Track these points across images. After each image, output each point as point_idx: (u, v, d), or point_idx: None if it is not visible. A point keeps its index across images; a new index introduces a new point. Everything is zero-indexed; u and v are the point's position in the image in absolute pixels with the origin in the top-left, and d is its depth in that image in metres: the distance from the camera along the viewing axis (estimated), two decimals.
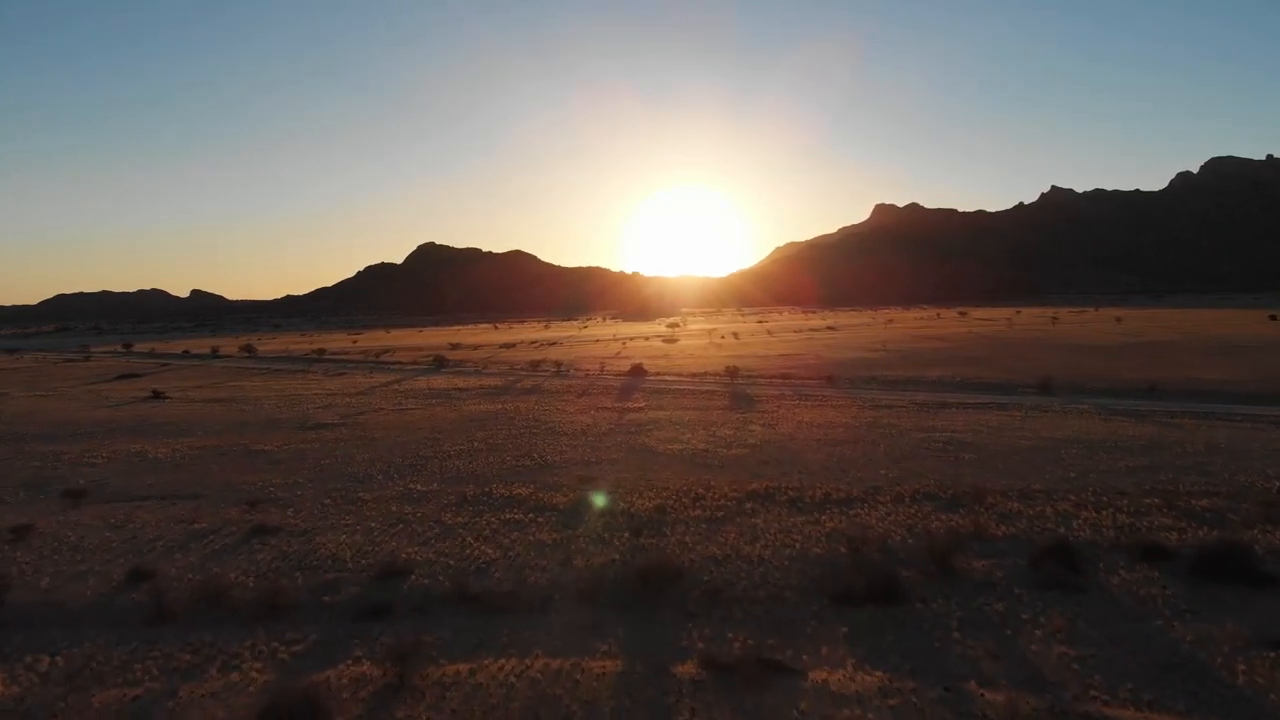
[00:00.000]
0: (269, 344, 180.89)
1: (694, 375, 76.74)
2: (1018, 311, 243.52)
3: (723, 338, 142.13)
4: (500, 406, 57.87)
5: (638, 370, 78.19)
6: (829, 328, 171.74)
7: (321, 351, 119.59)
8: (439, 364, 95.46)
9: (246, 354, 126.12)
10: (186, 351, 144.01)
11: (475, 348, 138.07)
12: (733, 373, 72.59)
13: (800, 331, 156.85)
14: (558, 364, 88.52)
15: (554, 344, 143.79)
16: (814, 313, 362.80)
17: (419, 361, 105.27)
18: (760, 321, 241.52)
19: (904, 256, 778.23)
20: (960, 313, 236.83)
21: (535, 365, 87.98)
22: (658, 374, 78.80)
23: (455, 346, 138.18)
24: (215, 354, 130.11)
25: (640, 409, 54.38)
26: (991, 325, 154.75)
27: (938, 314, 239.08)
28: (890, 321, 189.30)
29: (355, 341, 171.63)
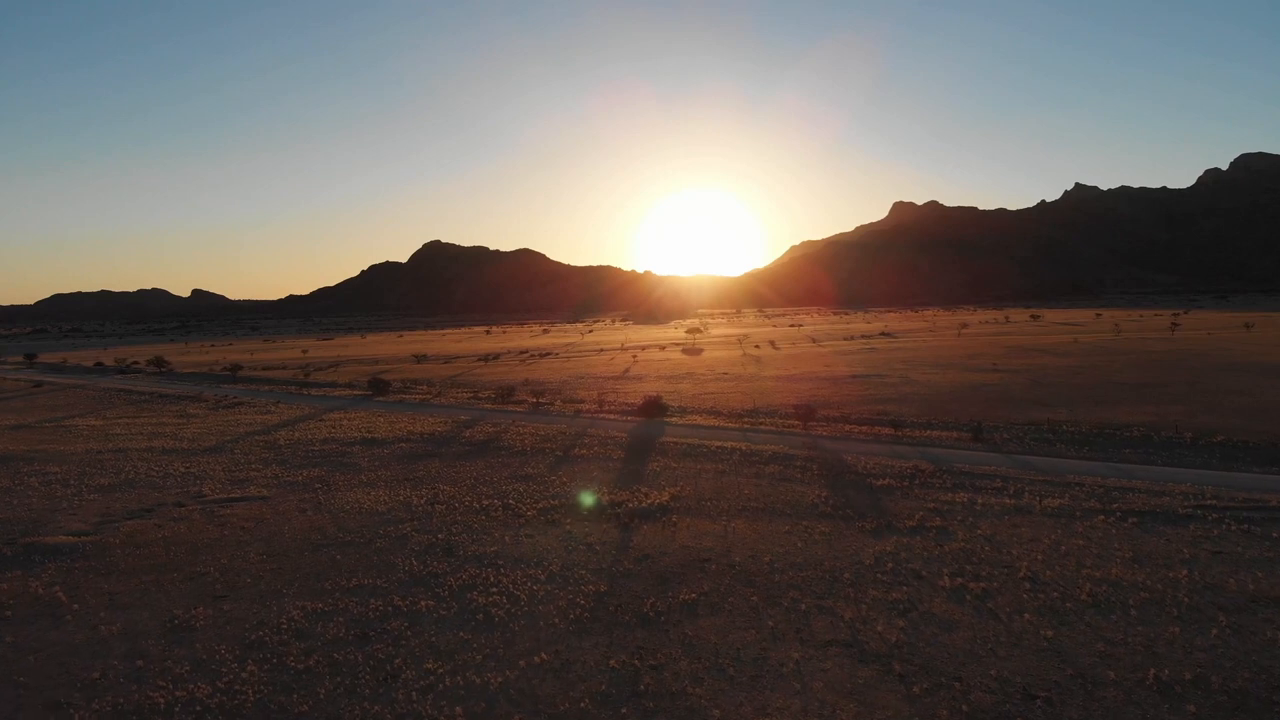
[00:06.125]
0: (211, 354, 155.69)
1: (740, 415, 50.26)
2: (1098, 314, 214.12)
3: (757, 347, 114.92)
4: (409, 496, 31.67)
5: (653, 406, 51.82)
6: (884, 334, 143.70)
7: (237, 368, 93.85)
8: (377, 389, 69.28)
9: (156, 369, 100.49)
10: (99, 364, 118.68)
11: (447, 360, 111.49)
12: (805, 415, 45.96)
13: (852, 340, 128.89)
14: (538, 394, 62.14)
15: (547, 355, 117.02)
16: (845, 314, 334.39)
17: (357, 382, 79.01)
18: (794, 325, 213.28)
19: (925, 255, 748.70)
20: (1033, 315, 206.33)
21: (508, 394, 61.68)
22: (683, 411, 52.44)
23: (421, 359, 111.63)
24: (125, 369, 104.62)
25: (659, 508, 28.04)
26: (1091, 332, 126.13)
27: (1006, 317, 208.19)
28: (964, 327, 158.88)
29: (305, 352, 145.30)
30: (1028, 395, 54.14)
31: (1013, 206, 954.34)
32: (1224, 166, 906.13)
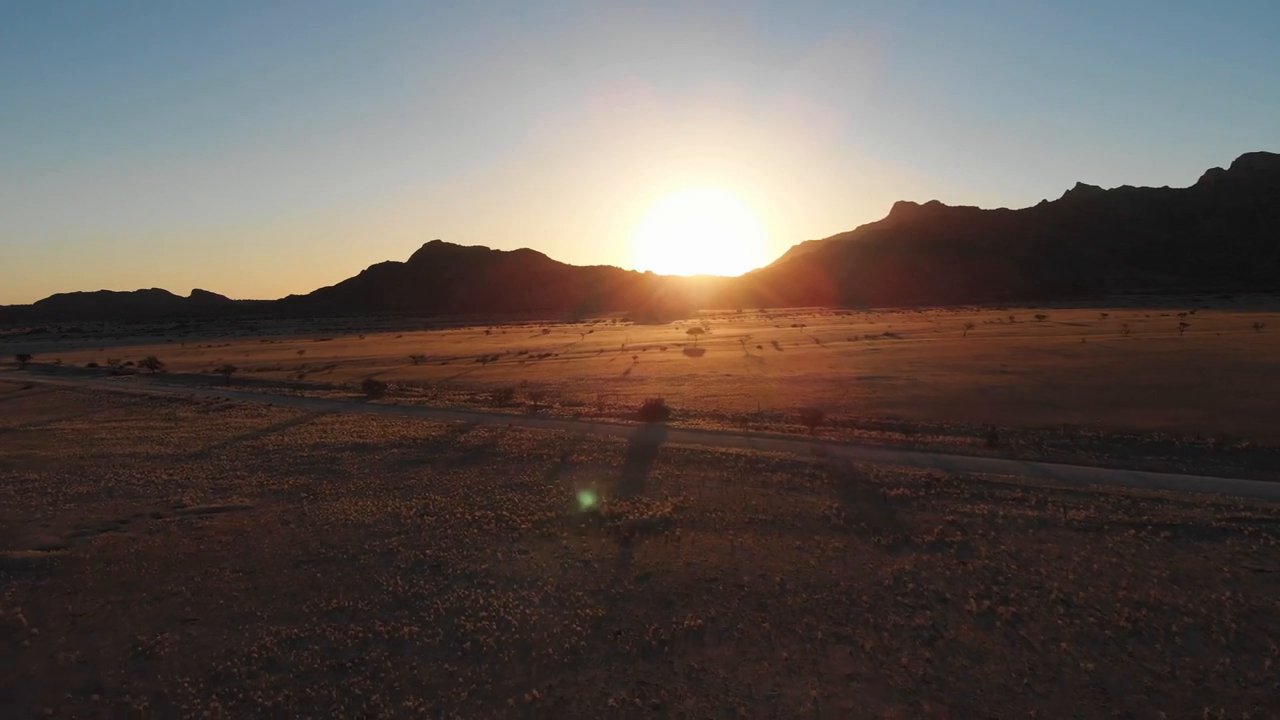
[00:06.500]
0: (207, 355, 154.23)
1: (744, 419, 48.77)
2: (1104, 314, 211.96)
3: (760, 348, 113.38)
4: (397, 507, 30.16)
5: (654, 409, 50.34)
6: (888, 334, 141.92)
7: (231, 369, 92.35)
8: (372, 391, 67.82)
9: (149, 371, 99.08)
10: (93, 365, 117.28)
11: (445, 361, 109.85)
12: (811, 419, 44.45)
13: (855, 340, 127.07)
14: (536, 397, 60.69)
15: (546, 356, 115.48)
16: (847, 314, 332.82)
17: (352, 384, 77.46)
18: (796, 326, 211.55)
19: (926, 255, 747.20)
20: (1038, 315, 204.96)
21: (505, 397, 60.18)
22: (685, 415, 50.96)
23: (418, 360, 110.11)
24: (118, 370, 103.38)
25: (661, 520, 26.52)
26: (1098, 333, 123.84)
27: (1011, 317, 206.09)
28: (970, 327, 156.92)
29: (302, 353, 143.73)
30: (1040, 397, 52.61)
31: (1014, 206, 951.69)
32: (1226, 166, 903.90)
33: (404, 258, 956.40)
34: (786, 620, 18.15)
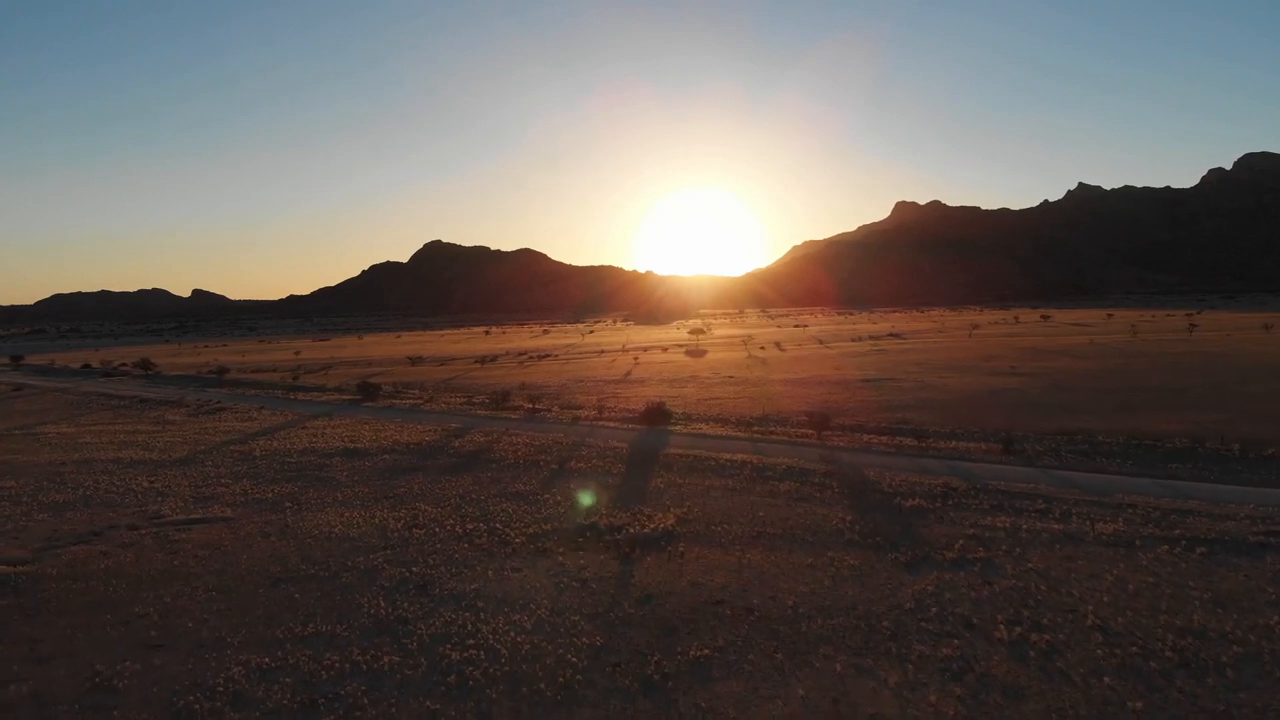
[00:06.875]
0: (203, 355, 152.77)
1: (748, 424, 47.26)
2: (1110, 315, 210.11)
3: (762, 349, 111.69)
4: (385, 518, 28.68)
5: (655, 412, 48.85)
6: (892, 334, 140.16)
7: (224, 371, 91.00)
8: (366, 393, 66.29)
9: (142, 372, 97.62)
10: (87, 366, 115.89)
11: (443, 362, 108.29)
12: (818, 423, 42.93)
13: (859, 340, 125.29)
14: (534, 400, 59.17)
15: (546, 357, 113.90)
16: (849, 314, 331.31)
17: (347, 386, 75.87)
18: (798, 326, 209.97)
19: (927, 255, 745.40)
20: (1043, 316, 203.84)
21: (503, 399, 58.67)
22: (688, 419, 49.49)
23: (416, 361, 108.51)
24: (111, 372, 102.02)
25: (663, 534, 25.04)
26: (1105, 333, 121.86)
27: (1015, 317, 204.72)
28: (975, 327, 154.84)
29: (298, 354, 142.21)
30: (1051, 400, 51.08)
31: (1015, 206, 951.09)
32: (1228, 166, 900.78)
33: (404, 258, 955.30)
34: (801, 650, 16.64)
